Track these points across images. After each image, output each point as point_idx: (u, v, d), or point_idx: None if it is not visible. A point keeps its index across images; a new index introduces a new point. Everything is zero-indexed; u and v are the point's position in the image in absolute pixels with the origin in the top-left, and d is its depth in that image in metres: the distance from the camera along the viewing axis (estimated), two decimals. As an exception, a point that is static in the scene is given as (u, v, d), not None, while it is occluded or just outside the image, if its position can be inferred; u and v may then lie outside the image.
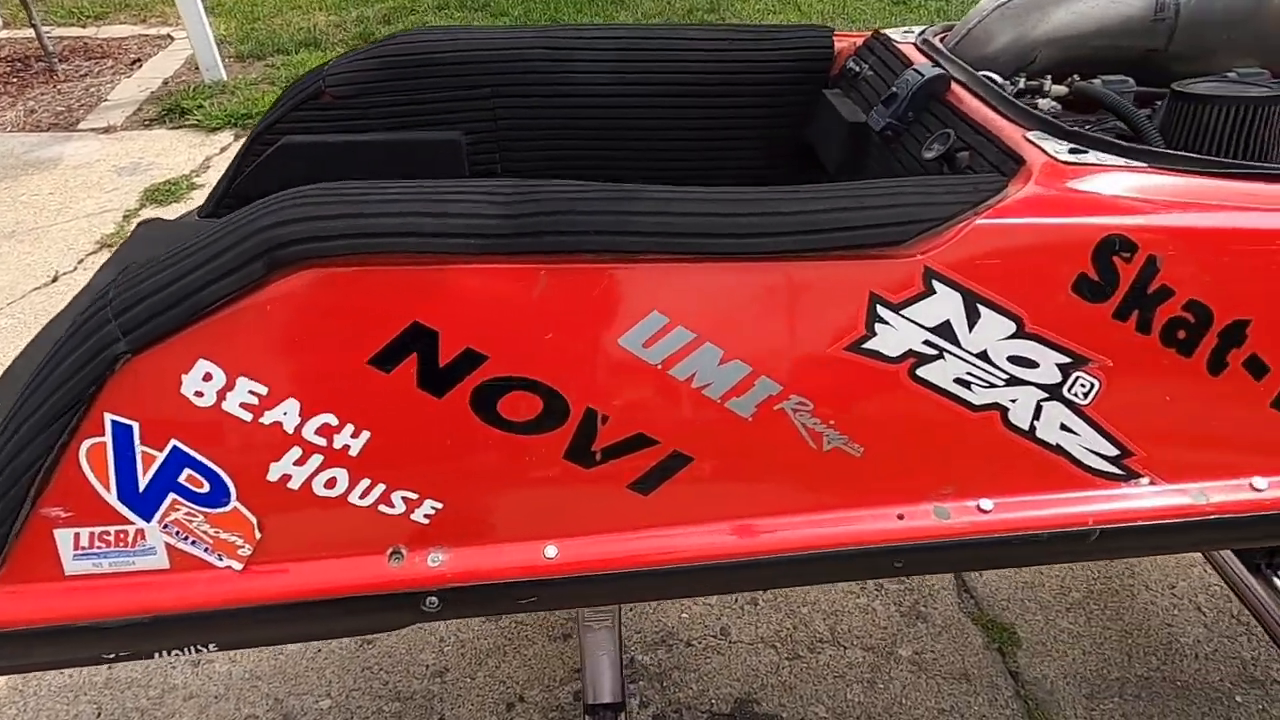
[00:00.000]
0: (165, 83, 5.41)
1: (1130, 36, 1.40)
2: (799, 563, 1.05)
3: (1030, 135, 1.12)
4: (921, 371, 1.01)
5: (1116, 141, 1.09)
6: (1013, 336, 1.01)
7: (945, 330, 0.99)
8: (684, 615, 2.19)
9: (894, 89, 1.33)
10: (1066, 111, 1.32)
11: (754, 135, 1.66)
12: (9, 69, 5.63)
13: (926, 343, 1.00)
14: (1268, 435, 1.07)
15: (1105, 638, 2.15)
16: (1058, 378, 1.03)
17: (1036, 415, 1.04)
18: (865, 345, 0.99)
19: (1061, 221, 1.00)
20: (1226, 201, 1.02)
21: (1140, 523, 1.06)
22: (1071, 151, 1.08)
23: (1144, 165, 1.06)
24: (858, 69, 1.51)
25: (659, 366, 0.97)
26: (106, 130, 4.80)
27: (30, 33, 5.48)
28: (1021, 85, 1.35)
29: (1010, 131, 1.14)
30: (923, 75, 1.30)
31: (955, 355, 1.00)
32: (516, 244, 0.93)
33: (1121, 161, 1.06)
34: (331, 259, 0.91)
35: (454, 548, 1.03)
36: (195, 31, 5.21)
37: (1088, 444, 1.05)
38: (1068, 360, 1.02)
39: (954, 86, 1.30)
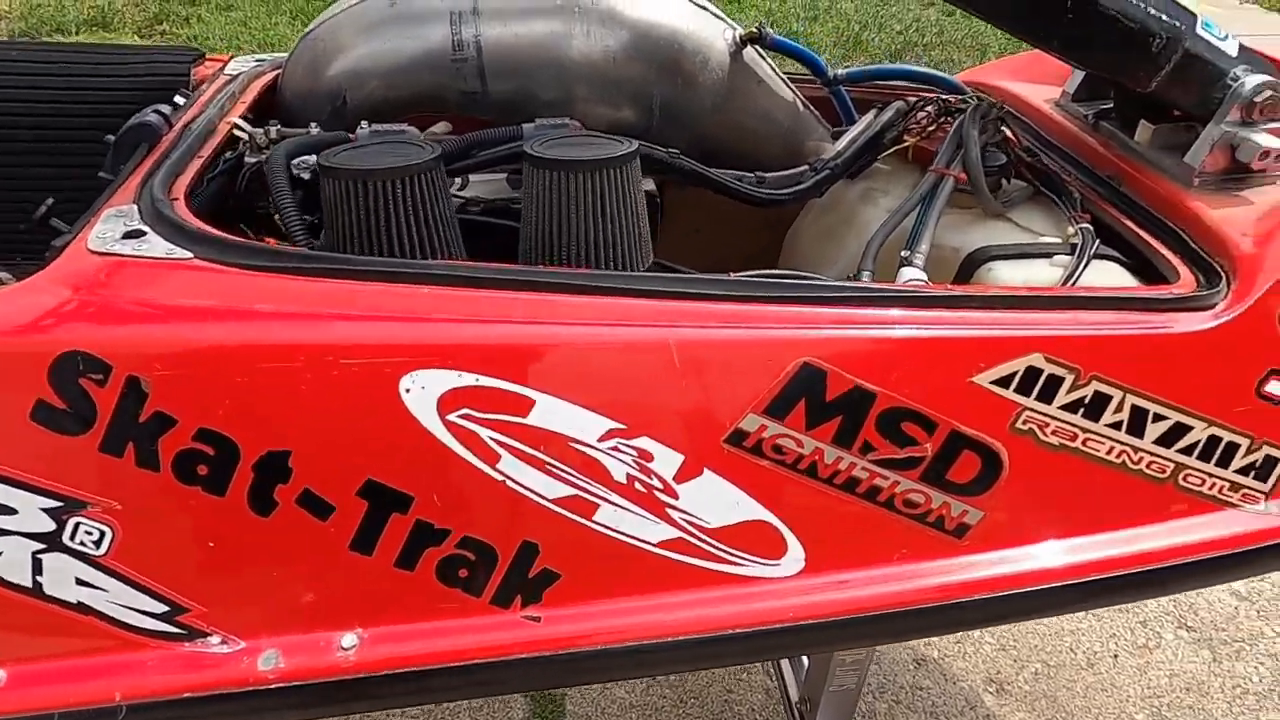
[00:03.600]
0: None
1: (438, 75, 1.19)
2: None
3: (108, 211, 0.90)
4: None
5: (186, 224, 0.88)
6: (-30, 477, 0.80)
7: None
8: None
9: (110, 136, 1.11)
10: None
11: None
12: None
13: None
14: (359, 583, 0.88)
15: (658, 708, 1.99)
16: (51, 525, 0.82)
17: (38, 570, 0.84)
18: None
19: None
20: (252, 305, 0.82)
21: (166, 696, 0.86)
22: (128, 236, 0.87)
23: (190, 258, 0.85)
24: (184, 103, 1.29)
25: None
26: None
27: None
28: (274, 134, 1.14)
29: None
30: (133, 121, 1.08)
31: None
32: None
33: (163, 252, 0.85)
34: None
35: None
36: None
37: (122, 600, 0.85)
38: (57, 504, 0.81)
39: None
